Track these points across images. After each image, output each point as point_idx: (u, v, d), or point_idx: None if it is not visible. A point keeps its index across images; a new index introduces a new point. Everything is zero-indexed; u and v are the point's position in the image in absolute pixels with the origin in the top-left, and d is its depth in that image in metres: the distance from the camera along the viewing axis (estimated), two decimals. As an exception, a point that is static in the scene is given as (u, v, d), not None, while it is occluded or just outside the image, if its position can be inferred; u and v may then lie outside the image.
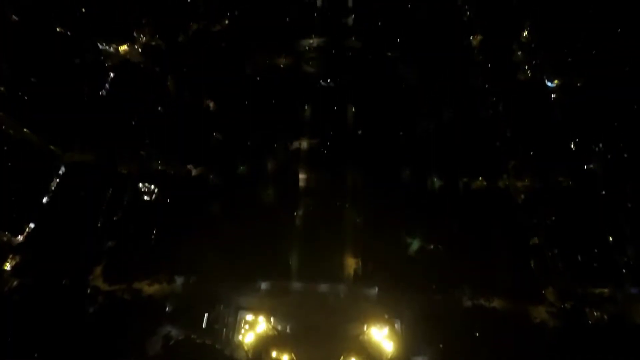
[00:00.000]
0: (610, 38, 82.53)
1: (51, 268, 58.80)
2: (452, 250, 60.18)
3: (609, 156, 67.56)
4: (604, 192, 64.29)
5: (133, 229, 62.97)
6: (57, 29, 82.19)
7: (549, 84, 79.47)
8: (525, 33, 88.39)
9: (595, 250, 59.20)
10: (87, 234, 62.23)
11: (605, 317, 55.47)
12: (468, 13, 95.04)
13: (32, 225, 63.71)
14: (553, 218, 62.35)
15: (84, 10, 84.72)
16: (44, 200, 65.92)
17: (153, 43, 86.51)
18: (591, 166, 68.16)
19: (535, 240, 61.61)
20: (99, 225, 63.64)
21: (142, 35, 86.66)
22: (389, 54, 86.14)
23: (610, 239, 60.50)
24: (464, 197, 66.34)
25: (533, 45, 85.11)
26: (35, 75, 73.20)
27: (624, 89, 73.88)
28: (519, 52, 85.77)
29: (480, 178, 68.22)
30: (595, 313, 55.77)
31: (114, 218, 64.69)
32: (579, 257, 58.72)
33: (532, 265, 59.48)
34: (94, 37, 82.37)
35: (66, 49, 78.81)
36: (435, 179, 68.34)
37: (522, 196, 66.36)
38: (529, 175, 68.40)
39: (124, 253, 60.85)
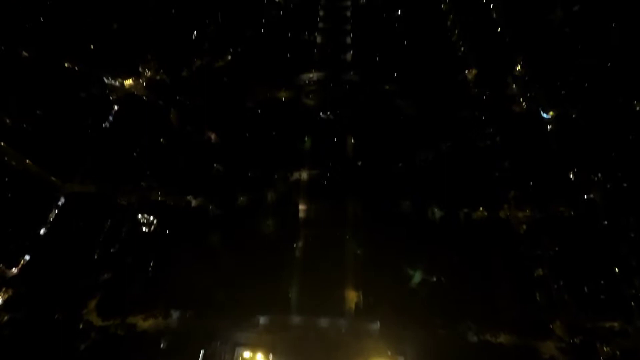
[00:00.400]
0: (601, 70, 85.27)
1: (44, 302, 57.22)
2: (455, 283, 58.79)
3: (608, 186, 67.73)
4: (606, 222, 63.86)
5: (130, 261, 61.87)
6: (66, 65, 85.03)
7: (544, 115, 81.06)
8: (519, 67, 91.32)
9: (602, 282, 57.87)
10: (83, 267, 61.04)
11: (618, 352, 53.26)
12: (462, 49, 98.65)
13: (27, 257, 62.67)
14: (556, 249, 61.46)
15: (92, 47, 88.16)
16: (42, 231, 65.25)
17: (158, 77, 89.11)
18: (591, 196, 68.14)
19: (540, 271, 60.38)
20: (95, 257, 62.58)
21: (147, 70, 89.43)
22: (387, 87, 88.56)
23: (616, 270, 59.37)
24: (466, 228, 65.71)
25: (527, 79, 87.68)
26: (41, 108, 74.79)
27: (618, 119, 75.40)
28: (514, 85, 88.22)
29: (481, 208, 67.92)
30: (606, 348, 53.60)
31: (111, 250, 63.73)
32: (586, 289, 57.31)
33: (538, 297, 57.94)
34: (100, 72, 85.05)
35: (73, 83, 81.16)
36: (436, 210, 68.00)
37: (524, 227, 65.77)
38: (529, 205, 68.16)
39: (120, 286, 59.42)
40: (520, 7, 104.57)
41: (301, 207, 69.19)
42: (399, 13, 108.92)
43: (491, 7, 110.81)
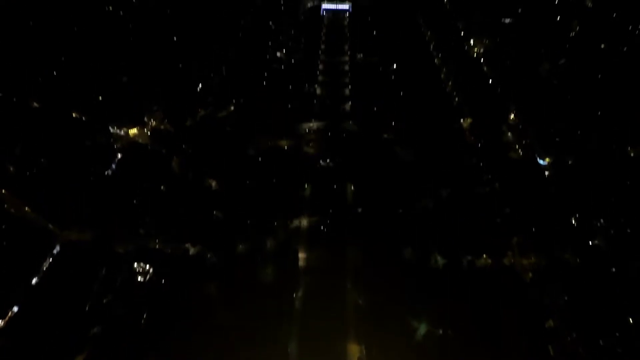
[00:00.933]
0: (592, 118, 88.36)
1: (29, 358, 53.98)
2: (462, 335, 55.79)
3: (611, 231, 67.00)
4: (614, 270, 62.26)
5: (122, 313, 59.31)
6: (74, 115, 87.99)
7: (540, 161, 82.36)
8: (512, 116, 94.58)
9: (617, 334, 55.09)
10: (73, 319, 58.37)
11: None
12: (457, 99, 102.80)
13: (15, 309, 60.18)
14: (566, 298, 59.28)
15: (100, 98, 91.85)
16: (33, 281, 63.31)
17: (162, 127, 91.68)
18: (596, 242, 67.17)
19: (551, 322, 57.71)
20: (86, 309, 60.12)
21: (152, 120, 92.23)
22: (385, 135, 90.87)
23: (630, 320, 56.81)
24: (470, 276, 63.97)
25: (520, 127, 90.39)
26: (46, 156, 76.08)
27: (614, 165, 76.58)
28: (509, 133, 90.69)
29: (485, 256, 66.59)
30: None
31: (104, 301, 61.39)
32: (601, 342, 54.41)
33: (551, 351, 54.83)
34: (107, 122, 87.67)
35: (79, 132, 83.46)
36: (439, 257, 66.61)
37: (530, 274, 64.05)
38: (533, 252, 66.92)
39: (110, 340, 56.38)
40: (509, 61, 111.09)
41: (301, 255, 67.88)
42: (394, 67, 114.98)
43: (482, 61, 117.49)
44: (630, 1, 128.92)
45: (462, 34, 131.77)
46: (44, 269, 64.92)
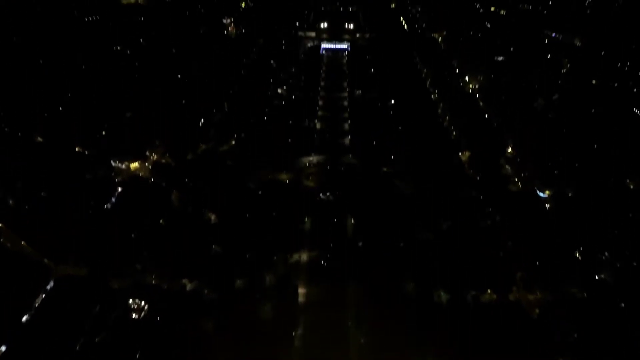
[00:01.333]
0: (589, 151, 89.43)
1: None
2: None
3: (617, 265, 65.82)
4: (623, 305, 60.54)
5: (115, 351, 56.94)
6: (76, 149, 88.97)
7: (540, 194, 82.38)
8: (510, 149, 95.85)
9: (632, 374, 52.76)
10: (63, 359, 55.98)
11: None
12: (454, 133, 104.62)
13: (3, 348, 57.79)
14: (575, 335, 57.18)
15: (103, 132, 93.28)
16: (24, 318, 61.25)
17: (163, 161, 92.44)
18: (602, 276, 65.80)
19: (562, 362, 55.41)
20: (77, 348, 57.78)
21: (153, 154, 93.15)
22: (384, 169, 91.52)
23: (645, 359, 54.59)
24: (475, 312, 62.03)
25: (519, 160, 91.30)
26: (46, 190, 76.05)
27: (614, 198, 76.53)
28: (507, 166, 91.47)
29: (489, 291, 64.99)
30: None
31: (96, 339, 59.11)
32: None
33: (565, 394, 52.23)
34: (109, 157, 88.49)
35: (81, 166, 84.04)
36: (442, 293, 65.02)
37: (537, 310, 62.22)
38: (539, 287, 65.37)
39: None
40: (504, 97, 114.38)
41: (300, 290, 66.21)
42: (393, 102, 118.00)
43: (477, 96, 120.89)
44: (616, 41, 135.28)
45: (457, 71, 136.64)
46: (36, 305, 63.08)
